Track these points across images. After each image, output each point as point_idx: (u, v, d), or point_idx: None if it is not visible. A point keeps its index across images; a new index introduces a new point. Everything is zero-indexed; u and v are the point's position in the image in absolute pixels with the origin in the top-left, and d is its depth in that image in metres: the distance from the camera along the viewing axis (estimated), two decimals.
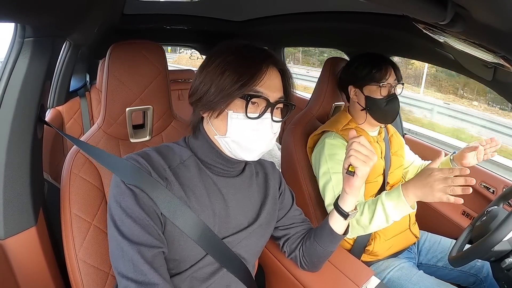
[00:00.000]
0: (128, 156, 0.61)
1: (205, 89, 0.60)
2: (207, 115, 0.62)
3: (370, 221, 0.85)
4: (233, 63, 0.59)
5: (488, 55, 0.59)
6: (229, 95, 0.58)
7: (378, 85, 1.02)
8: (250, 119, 0.59)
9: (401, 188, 0.79)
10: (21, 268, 0.71)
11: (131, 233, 0.55)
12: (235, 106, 0.59)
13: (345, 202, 0.70)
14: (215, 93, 0.59)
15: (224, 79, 0.58)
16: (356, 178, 0.66)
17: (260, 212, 0.71)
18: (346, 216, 0.71)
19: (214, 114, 0.60)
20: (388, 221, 0.83)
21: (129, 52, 0.77)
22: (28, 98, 0.69)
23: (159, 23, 1.84)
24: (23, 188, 0.71)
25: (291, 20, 1.53)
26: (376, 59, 1.05)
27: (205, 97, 0.60)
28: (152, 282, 0.53)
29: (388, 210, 0.81)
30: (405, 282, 0.96)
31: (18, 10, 0.53)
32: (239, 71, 0.58)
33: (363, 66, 1.05)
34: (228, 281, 0.67)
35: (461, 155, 1.03)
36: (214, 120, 0.62)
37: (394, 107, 1.04)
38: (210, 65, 0.61)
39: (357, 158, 0.64)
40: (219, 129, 0.62)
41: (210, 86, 0.60)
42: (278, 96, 0.62)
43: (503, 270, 0.77)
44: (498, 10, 0.39)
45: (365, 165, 0.64)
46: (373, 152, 0.64)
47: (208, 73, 0.61)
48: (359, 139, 0.64)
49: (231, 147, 0.62)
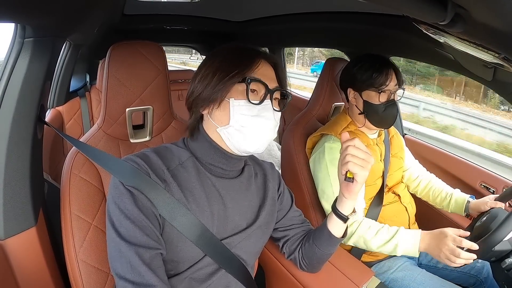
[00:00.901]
0: (127, 157, 0.62)
1: (203, 86, 0.61)
2: (208, 110, 0.63)
3: (376, 248, 0.91)
4: (227, 58, 0.62)
5: (488, 55, 0.59)
6: (227, 82, 0.59)
7: (377, 91, 1.00)
8: (252, 104, 0.59)
9: (419, 242, 0.85)
10: (21, 268, 0.71)
11: (129, 234, 0.55)
12: (235, 93, 0.60)
13: (344, 206, 0.70)
14: (214, 84, 0.60)
15: (220, 72, 0.60)
16: (355, 184, 0.64)
17: (259, 214, 0.71)
18: (346, 220, 0.71)
19: (215, 105, 0.61)
20: (394, 251, 0.89)
21: (129, 52, 0.77)
22: (28, 99, 0.69)
23: (159, 23, 1.84)
24: (23, 189, 0.71)
25: (291, 20, 1.53)
26: (377, 63, 1.02)
27: (203, 92, 0.61)
28: (150, 284, 0.53)
29: (398, 251, 0.88)
30: (410, 282, 0.96)
31: (18, 10, 0.53)
32: (234, 62, 0.61)
33: (364, 70, 1.03)
34: (227, 282, 0.66)
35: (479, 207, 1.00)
36: (216, 112, 0.62)
37: (392, 113, 1.02)
38: (205, 66, 0.63)
39: (355, 164, 0.61)
40: (222, 120, 0.61)
41: (208, 82, 0.61)
42: (274, 85, 0.64)
43: (503, 270, 0.77)
44: (498, 10, 0.39)
45: (364, 170, 0.62)
46: (369, 154, 0.63)
47: (204, 72, 0.63)
48: (354, 142, 0.62)
49: (234, 138, 0.61)
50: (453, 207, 1.10)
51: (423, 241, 0.85)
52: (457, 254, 0.76)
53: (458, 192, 1.11)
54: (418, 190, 1.22)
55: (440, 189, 1.15)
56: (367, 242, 0.91)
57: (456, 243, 0.77)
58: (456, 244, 0.77)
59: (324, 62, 1.28)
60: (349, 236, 0.93)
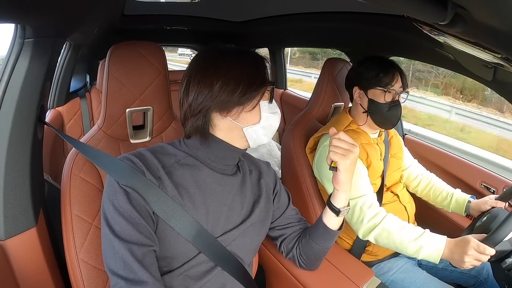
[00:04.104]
0: (123, 156, 0.63)
1: (228, 93, 0.61)
2: (232, 113, 0.63)
3: (400, 244, 0.86)
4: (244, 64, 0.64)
5: (488, 55, 0.59)
6: (259, 88, 0.63)
7: (383, 90, 1.01)
8: (269, 103, 0.66)
9: (444, 248, 0.81)
10: (22, 269, 0.71)
11: (123, 231, 0.56)
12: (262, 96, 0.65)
13: (336, 199, 0.72)
14: (242, 92, 0.61)
15: (245, 80, 0.62)
16: (339, 173, 0.68)
17: (253, 210, 0.72)
18: (338, 213, 0.72)
19: (247, 108, 0.63)
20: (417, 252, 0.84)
21: (129, 53, 0.77)
22: (28, 99, 0.69)
23: (159, 23, 1.84)
24: (23, 189, 0.71)
25: (291, 20, 1.53)
26: (385, 64, 1.04)
27: (231, 98, 0.61)
28: (142, 280, 0.54)
29: (420, 254, 0.83)
30: (410, 284, 0.95)
31: (18, 10, 0.53)
32: (253, 69, 0.64)
33: (371, 69, 1.04)
34: (223, 279, 0.67)
35: (480, 207, 1.00)
36: (243, 115, 0.64)
37: (396, 114, 1.03)
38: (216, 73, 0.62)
39: (335, 153, 0.67)
40: (250, 121, 0.64)
41: (232, 89, 0.61)
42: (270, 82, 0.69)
43: (504, 271, 0.77)
44: (499, 10, 0.38)
45: (344, 158, 0.67)
46: (354, 145, 0.68)
47: (223, 79, 0.61)
48: (339, 135, 0.68)
49: (257, 134, 0.65)
50: (453, 207, 1.09)
51: (448, 248, 0.81)
52: (483, 260, 0.75)
53: (458, 192, 1.11)
54: (418, 190, 1.22)
55: (440, 188, 1.15)
56: (391, 236, 0.87)
57: (480, 251, 0.76)
58: (480, 251, 0.75)
59: (324, 63, 1.27)
60: (371, 228, 0.90)
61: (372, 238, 0.91)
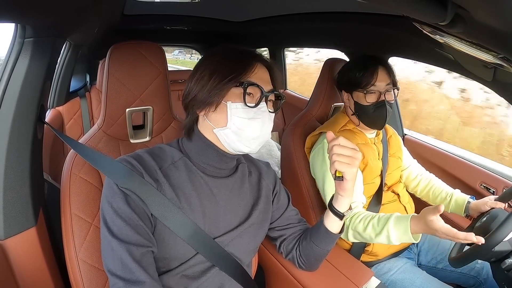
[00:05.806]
0: (121, 158, 0.63)
1: (199, 87, 0.63)
2: (204, 112, 0.64)
3: (372, 241, 0.87)
4: (224, 61, 0.63)
5: (488, 55, 0.59)
6: (225, 85, 0.60)
7: (363, 92, 0.99)
8: (249, 107, 0.61)
9: (409, 223, 0.79)
10: (21, 268, 0.71)
11: (121, 232, 0.57)
12: (232, 97, 0.62)
13: (339, 203, 0.71)
14: (210, 87, 0.61)
15: (217, 74, 0.61)
16: (346, 182, 0.65)
17: (251, 212, 0.71)
18: (342, 217, 0.71)
19: (212, 108, 0.62)
20: (389, 243, 0.84)
21: (129, 52, 0.77)
22: (28, 99, 0.70)
23: (159, 23, 1.84)
24: (23, 189, 0.71)
25: (291, 20, 1.53)
26: (362, 62, 1.00)
27: (199, 94, 0.62)
28: (140, 280, 0.55)
29: (391, 238, 0.82)
30: (409, 285, 0.95)
31: (18, 10, 0.53)
32: (231, 65, 0.62)
33: (350, 70, 1.03)
34: (221, 279, 0.67)
35: (479, 207, 0.98)
36: (212, 115, 0.63)
37: (382, 114, 1.00)
38: (202, 67, 0.64)
39: (341, 163, 0.62)
40: (218, 122, 0.63)
41: (204, 84, 0.62)
42: (269, 88, 0.65)
43: (503, 271, 0.77)
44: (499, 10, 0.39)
45: (351, 167, 0.63)
46: (355, 150, 0.63)
47: (200, 74, 0.63)
48: (338, 140, 0.62)
49: (230, 139, 0.63)
50: (453, 207, 1.09)
51: (413, 223, 0.79)
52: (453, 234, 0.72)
53: (458, 192, 1.11)
54: (417, 190, 1.22)
55: (440, 189, 1.15)
56: (361, 236, 0.89)
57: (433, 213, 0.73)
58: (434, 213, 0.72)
59: (324, 63, 1.27)
60: (345, 232, 0.92)
61: (352, 239, 0.93)
